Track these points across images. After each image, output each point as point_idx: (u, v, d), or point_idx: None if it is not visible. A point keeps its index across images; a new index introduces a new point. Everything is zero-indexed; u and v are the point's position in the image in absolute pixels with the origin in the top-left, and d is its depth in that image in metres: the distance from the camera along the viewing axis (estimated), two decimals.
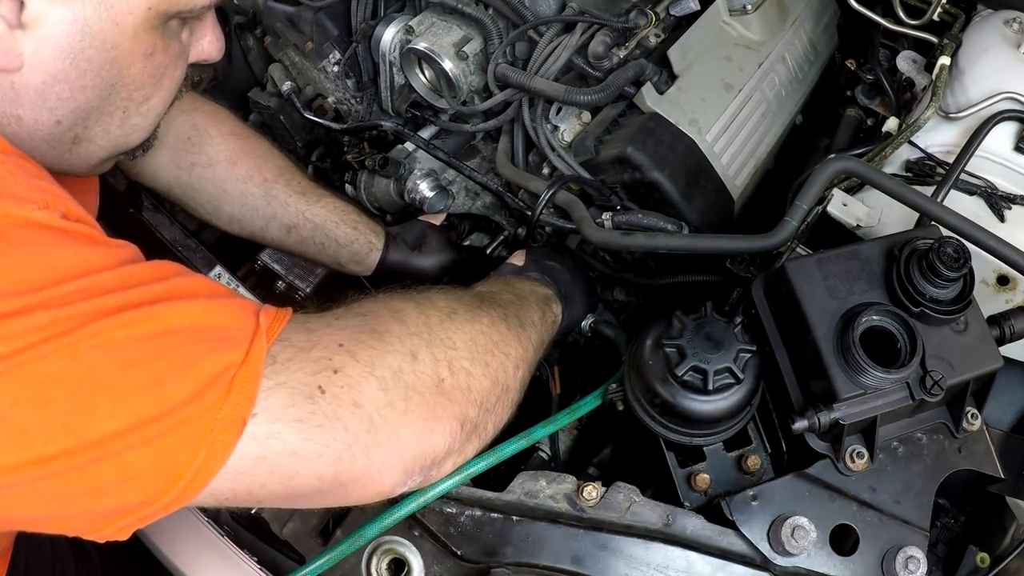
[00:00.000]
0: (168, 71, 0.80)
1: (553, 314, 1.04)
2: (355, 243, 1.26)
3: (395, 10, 1.43)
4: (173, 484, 0.63)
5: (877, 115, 1.39)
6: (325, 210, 1.24)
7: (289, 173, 1.25)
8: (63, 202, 0.66)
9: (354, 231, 1.26)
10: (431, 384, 0.77)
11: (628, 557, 0.88)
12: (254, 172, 1.21)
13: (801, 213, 0.96)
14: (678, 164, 1.15)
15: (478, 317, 0.85)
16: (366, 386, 0.72)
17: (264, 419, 0.66)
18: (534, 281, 1.08)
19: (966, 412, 0.93)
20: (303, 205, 1.23)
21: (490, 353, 0.84)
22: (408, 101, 1.44)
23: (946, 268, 0.86)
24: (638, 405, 0.97)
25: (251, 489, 0.68)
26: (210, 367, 0.64)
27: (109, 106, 0.76)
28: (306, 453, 0.68)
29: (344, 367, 0.71)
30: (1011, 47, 1.14)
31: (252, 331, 0.68)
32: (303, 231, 1.24)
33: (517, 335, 0.90)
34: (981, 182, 1.08)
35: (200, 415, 0.63)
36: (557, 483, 0.92)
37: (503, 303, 0.93)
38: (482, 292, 0.96)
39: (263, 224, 1.23)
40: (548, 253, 1.19)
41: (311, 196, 1.24)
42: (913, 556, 0.87)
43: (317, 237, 1.24)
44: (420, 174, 1.38)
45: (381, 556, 0.91)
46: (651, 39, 1.26)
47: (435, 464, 0.79)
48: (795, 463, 0.94)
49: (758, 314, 0.96)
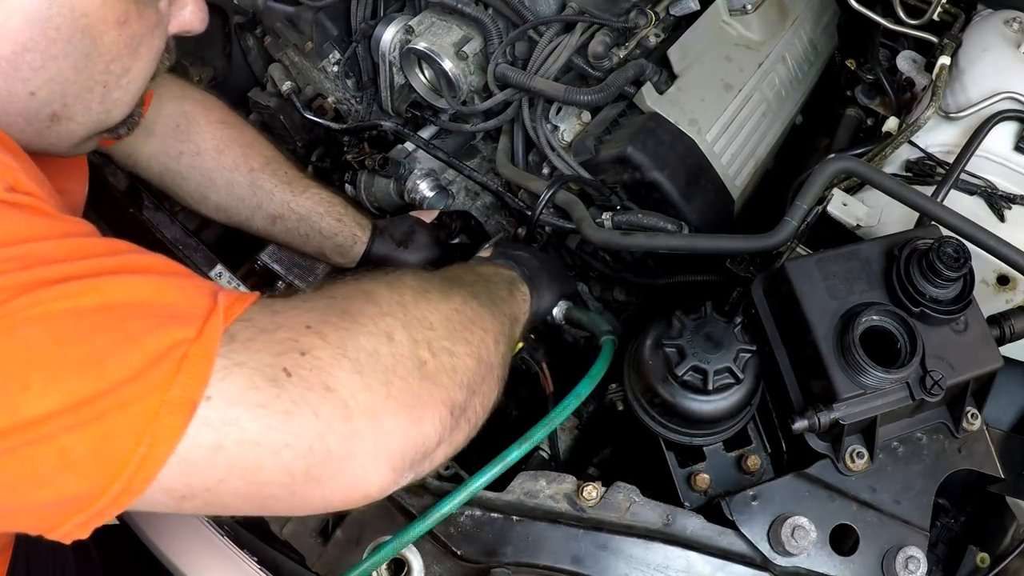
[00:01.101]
0: (145, 41, 0.76)
1: (522, 293, 1.00)
2: (339, 235, 1.25)
3: (395, 10, 1.43)
4: (117, 474, 0.56)
5: (877, 115, 1.39)
6: (311, 201, 1.23)
7: (276, 163, 1.24)
8: (12, 174, 0.62)
9: (339, 223, 1.24)
10: (413, 367, 0.70)
11: (628, 557, 0.88)
12: (240, 161, 1.20)
13: (801, 213, 0.96)
14: (678, 164, 1.15)
15: (451, 296, 0.80)
16: (338, 368, 0.65)
17: (220, 403, 0.59)
18: (497, 265, 1.05)
19: (966, 412, 0.93)
20: (288, 195, 1.22)
21: (468, 330, 0.78)
22: (408, 101, 1.45)
23: (946, 268, 0.86)
24: (638, 405, 0.97)
25: (209, 484, 0.61)
26: (157, 343, 0.58)
27: (87, 80, 0.74)
28: (270, 443, 0.61)
29: (313, 349, 0.64)
30: (1011, 47, 1.14)
31: (208, 309, 0.62)
32: (288, 221, 1.23)
33: (491, 311, 0.85)
34: (981, 182, 1.08)
35: (144, 396, 0.56)
36: (557, 483, 0.92)
37: (469, 283, 0.89)
38: (447, 275, 0.90)
39: (248, 214, 1.22)
40: (515, 245, 1.17)
41: (297, 187, 1.23)
42: (913, 556, 0.87)
43: (301, 228, 1.23)
44: (420, 174, 1.38)
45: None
46: (651, 39, 1.26)
47: (426, 456, 0.72)
48: (795, 463, 0.94)
49: (758, 314, 0.96)
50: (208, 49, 1.53)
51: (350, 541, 0.93)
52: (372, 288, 0.75)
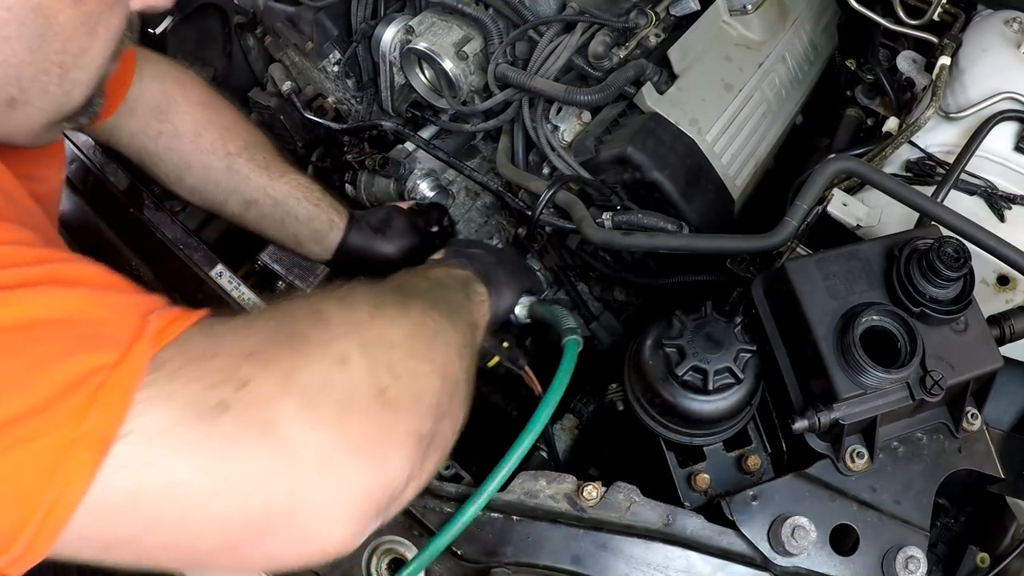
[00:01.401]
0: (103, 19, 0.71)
1: (479, 295, 0.94)
2: (315, 220, 1.21)
3: (395, 10, 1.43)
4: (25, 519, 0.49)
5: (877, 115, 1.39)
6: (288, 186, 1.20)
7: (255, 147, 1.20)
8: None
9: (315, 208, 1.21)
10: (372, 396, 0.61)
11: (628, 557, 0.88)
12: (218, 144, 1.17)
13: (801, 213, 0.96)
14: (678, 164, 1.15)
15: (409, 308, 0.72)
16: (283, 402, 0.56)
17: (140, 439, 0.51)
18: (449, 265, 0.99)
19: (966, 412, 0.93)
20: (265, 180, 1.19)
21: (431, 346, 0.71)
22: (408, 101, 1.45)
23: (946, 268, 0.86)
24: (638, 405, 0.97)
25: (132, 533, 0.53)
26: (71, 369, 0.51)
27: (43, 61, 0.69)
28: (200, 489, 0.53)
29: (253, 379, 0.56)
30: (1011, 47, 1.14)
31: (136, 330, 0.54)
32: (263, 206, 1.19)
33: (452, 321, 0.77)
34: (981, 182, 1.08)
35: (51, 429, 0.49)
36: (557, 483, 0.92)
37: (425, 290, 0.83)
38: (400, 283, 0.83)
39: (223, 198, 1.19)
40: (470, 241, 1.14)
41: (274, 171, 1.20)
42: (913, 556, 0.87)
43: (277, 213, 1.19)
44: (420, 174, 1.38)
45: (381, 556, 0.90)
46: (651, 39, 1.26)
47: (394, 498, 0.63)
48: (795, 463, 0.94)
49: (758, 314, 0.96)
50: (208, 49, 1.53)
51: None
52: (323, 306, 0.67)
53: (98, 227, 1.23)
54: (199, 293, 1.14)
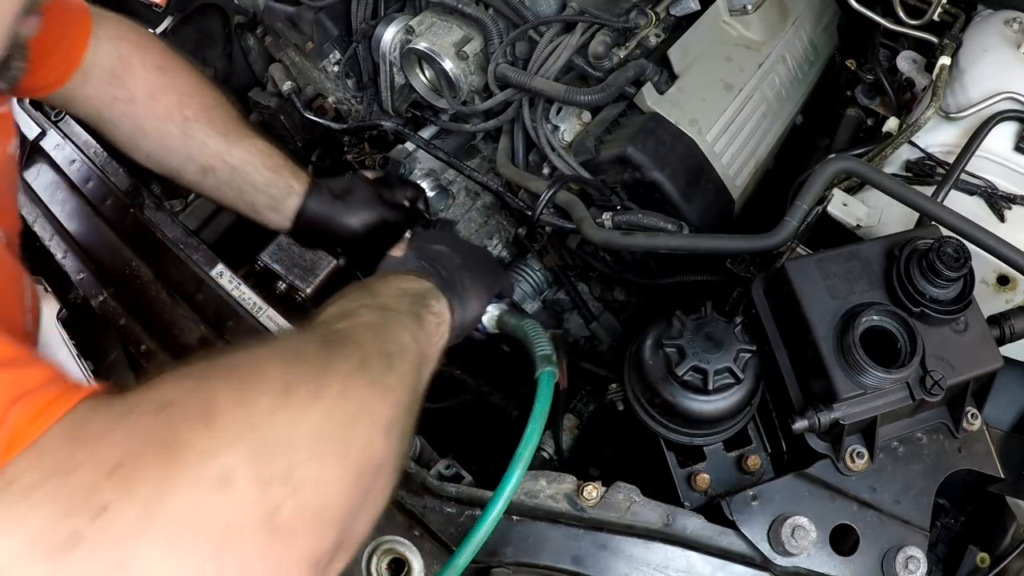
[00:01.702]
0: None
1: (435, 315, 0.84)
2: (274, 187, 1.15)
3: (395, 10, 1.43)
4: None
5: (877, 115, 1.39)
6: (246, 152, 1.14)
7: (214, 111, 1.15)
8: None
9: (274, 174, 1.15)
10: (258, 522, 0.51)
11: (628, 557, 0.88)
12: (174, 109, 1.11)
13: (801, 213, 0.96)
14: (678, 164, 1.15)
15: (326, 383, 0.61)
16: (144, 538, 0.47)
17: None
18: (407, 276, 0.89)
19: (966, 412, 0.93)
20: (223, 146, 1.13)
21: (348, 433, 0.60)
22: (408, 101, 1.45)
23: (946, 268, 0.86)
24: (638, 405, 0.97)
25: None
26: None
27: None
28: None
29: (114, 504, 0.47)
30: (1011, 47, 1.14)
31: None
32: (220, 174, 1.13)
33: (385, 384, 0.66)
34: (981, 182, 1.08)
35: None
36: (557, 483, 0.91)
37: (360, 338, 0.70)
38: (333, 329, 0.72)
39: (180, 164, 1.13)
40: (435, 236, 1.03)
41: (232, 137, 1.14)
42: (913, 556, 0.87)
43: (235, 181, 1.14)
44: (420, 174, 1.38)
45: (381, 556, 0.90)
46: (651, 39, 1.26)
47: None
48: (795, 463, 0.94)
49: (758, 314, 0.96)
50: (209, 49, 1.53)
51: None
52: (217, 395, 0.55)
53: (98, 227, 1.23)
54: (199, 293, 1.14)
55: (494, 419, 1.51)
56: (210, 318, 1.11)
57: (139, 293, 1.18)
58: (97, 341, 1.25)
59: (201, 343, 1.12)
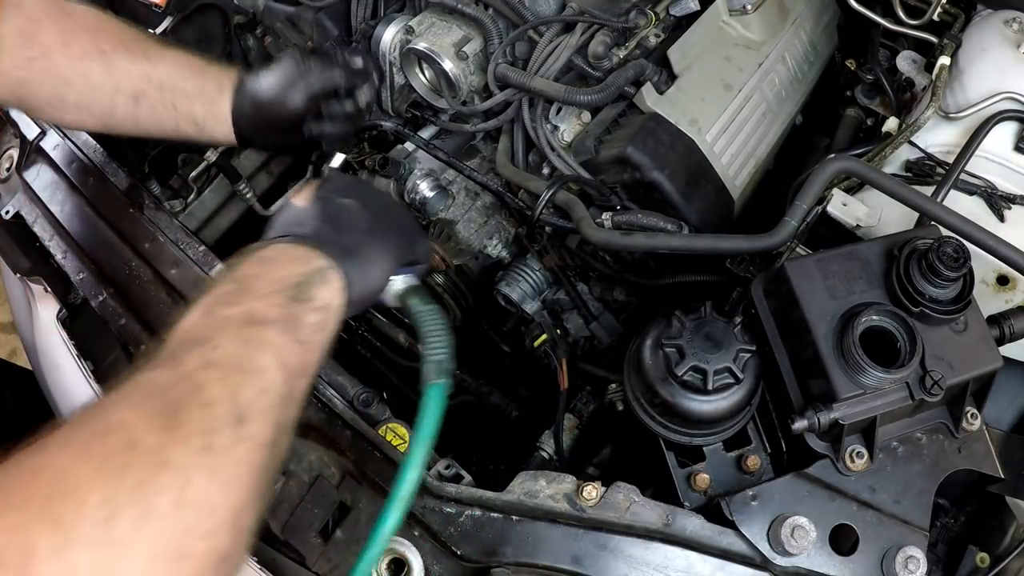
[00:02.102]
0: None
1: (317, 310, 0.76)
2: (205, 89, 1.10)
3: (395, 10, 1.43)
4: None
5: (877, 115, 1.39)
6: (170, 65, 1.10)
7: (131, 41, 1.11)
8: None
9: (201, 78, 1.11)
10: None
11: (628, 557, 0.88)
12: (90, 47, 1.07)
13: (801, 213, 0.96)
14: (678, 164, 1.15)
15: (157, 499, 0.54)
16: None
17: None
18: (295, 252, 0.80)
19: (966, 412, 0.93)
20: (147, 67, 1.09)
21: (184, 549, 0.54)
22: (408, 101, 1.45)
23: (946, 268, 0.86)
24: (638, 405, 0.97)
25: None
26: None
27: None
28: None
29: None
30: (1011, 47, 1.14)
31: None
32: (151, 95, 1.09)
33: (231, 466, 0.60)
34: (981, 182, 1.08)
35: None
36: (557, 483, 0.92)
37: (209, 395, 0.62)
38: (180, 375, 0.63)
39: (109, 101, 1.08)
40: (346, 184, 0.94)
41: (154, 56, 1.10)
42: (913, 556, 0.87)
43: (167, 98, 1.09)
44: (420, 174, 1.38)
45: (381, 556, 0.91)
46: (651, 39, 1.27)
47: None
48: (795, 463, 0.94)
49: (758, 314, 0.96)
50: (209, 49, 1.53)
51: (350, 541, 0.93)
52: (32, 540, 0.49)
53: (98, 227, 1.23)
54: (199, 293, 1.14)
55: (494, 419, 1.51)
56: None
57: (139, 293, 1.18)
58: (97, 341, 1.25)
59: None
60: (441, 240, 1.43)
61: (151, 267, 1.17)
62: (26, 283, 1.31)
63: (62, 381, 1.27)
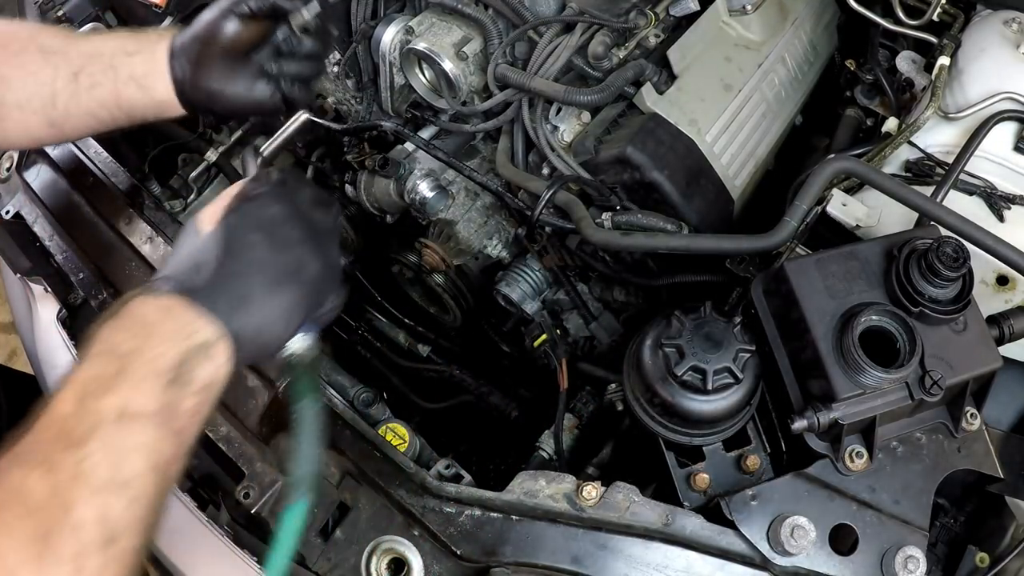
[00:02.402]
0: None
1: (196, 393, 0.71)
2: (144, 41, 1.03)
3: (395, 10, 1.43)
4: None
5: (877, 115, 1.39)
6: (111, 38, 1.05)
7: (65, 32, 1.08)
8: None
9: (141, 36, 1.04)
10: None
11: (627, 557, 0.88)
12: (28, 43, 1.03)
13: (800, 213, 0.96)
14: (678, 164, 1.15)
15: None
16: None
17: None
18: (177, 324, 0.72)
19: (965, 412, 0.93)
20: (85, 45, 1.04)
21: None
22: (408, 101, 1.45)
23: (945, 268, 0.86)
24: (637, 405, 0.97)
25: None
26: None
27: None
28: None
29: None
30: (1010, 47, 1.14)
31: None
32: (90, 68, 1.01)
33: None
34: (981, 182, 1.08)
35: None
36: (556, 483, 0.92)
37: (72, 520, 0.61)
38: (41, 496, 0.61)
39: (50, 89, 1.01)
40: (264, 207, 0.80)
41: (95, 37, 1.06)
42: (912, 556, 0.87)
43: (105, 62, 1.01)
44: (420, 174, 1.38)
45: (381, 556, 0.91)
46: (651, 39, 1.27)
47: None
48: (794, 463, 0.94)
49: (757, 314, 0.96)
50: None
51: (350, 541, 0.93)
52: None
53: (98, 227, 1.23)
54: None
55: (494, 419, 1.52)
56: None
57: None
58: None
59: None
60: (441, 240, 1.43)
61: (151, 267, 1.17)
62: (26, 283, 1.31)
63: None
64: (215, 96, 1.01)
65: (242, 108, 1.02)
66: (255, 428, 1.02)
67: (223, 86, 1.01)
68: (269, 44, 1.03)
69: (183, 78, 1.00)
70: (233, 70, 1.01)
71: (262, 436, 1.02)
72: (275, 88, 1.02)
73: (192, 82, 1.00)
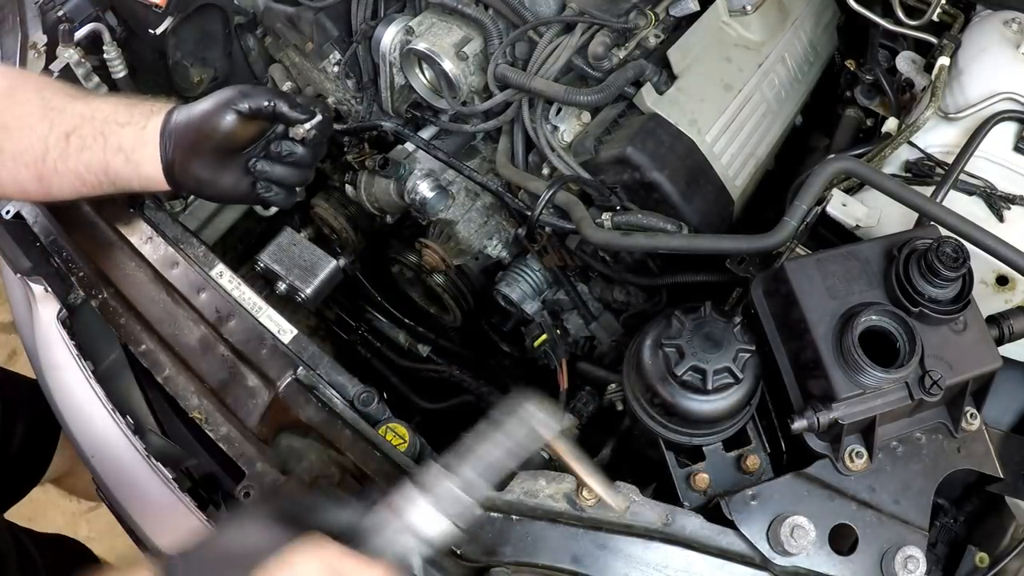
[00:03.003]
0: None
1: None
2: (136, 112, 1.04)
3: (395, 10, 1.43)
4: None
5: (877, 115, 1.39)
6: (107, 103, 1.06)
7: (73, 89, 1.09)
8: None
9: (135, 107, 1.05)
10: None
11: (627, 556, 0.88)
12: (32, 95, 1.05)
13: (800, 213, 0.96)
14: (678, 164, 1.15)
15: None
16: None
17: None
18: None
19: (965, 412, 0.93)
20: (82, 106, 1.04)
21: None
22: (408, 101, 1.45)
23: (945, 268, 0.86)
24: (638, 405, 0.97)
25: None
26: None
27: None
28: None
29: None
30: (1010, 47, 1.14)
31: None
32: (82, 130, 1.03)
33: None
34: (980, 182, 1.08)
35: None
36: (557, 483, 0.92)
37: None
38: None
39: (43, 144, 1.02)
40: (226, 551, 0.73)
41: (94, 99, 1.07)
42: (912, 556, 0.87)
43: (97, 128, 1.03)
44: (420, 174, 1.38)
45: None
46: (651, 40, 1.27)
47: None
48: (794, 463, 0.94)
49: (757, 314, 0.96)
50: (209, 50, 1.53)
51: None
52: None
53: (98, 227, 1.23)
54: (199, 293, 1.14)
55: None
56: (210, 318, 1.11)
57: (139, 293, 1.18)
58: (97, 341, 1.25)
59: (201, 343, 1.12)
60: (441, 240, 1.43)
61: (151, 267, 1.17)
62: (26, 283, 1.31)
63: (62, 381, 1.27)
64: (203, 184, 1.04)
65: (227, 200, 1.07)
66: (255, 428, 1.02)
67: (212, 177, 1.04)
68: (262, 142, 1.05)
69: (172, 160, 1.02)
70: (223, 163, 1.03)
71: (262, 436, 1.02)
72: (260, 189, 1.05)
73: (181, 167, 1.02)
